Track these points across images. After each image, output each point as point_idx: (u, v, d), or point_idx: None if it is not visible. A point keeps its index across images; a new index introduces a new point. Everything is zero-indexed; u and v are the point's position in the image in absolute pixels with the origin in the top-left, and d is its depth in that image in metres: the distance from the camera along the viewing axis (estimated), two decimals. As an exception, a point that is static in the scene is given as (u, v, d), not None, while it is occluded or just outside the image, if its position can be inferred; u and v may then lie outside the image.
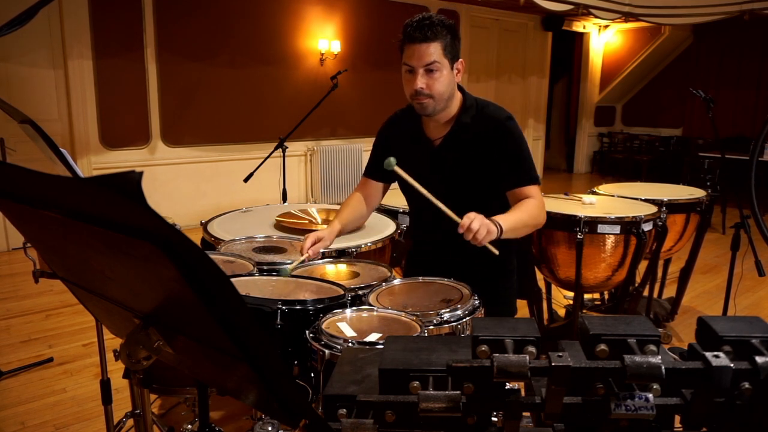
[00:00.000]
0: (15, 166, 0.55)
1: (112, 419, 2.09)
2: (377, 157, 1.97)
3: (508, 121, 1.74)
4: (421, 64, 1.64)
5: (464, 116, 1.76)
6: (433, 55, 1.63)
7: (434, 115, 1.74)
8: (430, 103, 1.69)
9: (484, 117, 1.75)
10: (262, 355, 0.64)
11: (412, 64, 1.65)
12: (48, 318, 3.72)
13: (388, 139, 1.95)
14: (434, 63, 1.63)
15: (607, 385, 0.65)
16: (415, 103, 1.71)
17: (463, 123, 1.76)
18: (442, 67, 1.65)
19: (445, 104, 1.73)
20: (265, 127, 6.57)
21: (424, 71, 1.65)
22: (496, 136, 1.72)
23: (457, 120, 1.76)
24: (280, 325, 1.40)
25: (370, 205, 2.03)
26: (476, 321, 0.73)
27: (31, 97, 5.27)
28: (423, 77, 1.65)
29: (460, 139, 1.77)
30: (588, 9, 8.19)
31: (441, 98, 1.69)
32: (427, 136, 1.83)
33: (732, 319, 0.74)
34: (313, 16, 6.92)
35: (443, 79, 1.67)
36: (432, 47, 1.62)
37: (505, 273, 1.95)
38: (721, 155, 4.78)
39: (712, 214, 3.46)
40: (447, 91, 1.70)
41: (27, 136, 1.41)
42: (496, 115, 1.75)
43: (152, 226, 0.51)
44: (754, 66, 9.26)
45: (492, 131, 1.73)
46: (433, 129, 1.82)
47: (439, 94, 1.68)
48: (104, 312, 0.92)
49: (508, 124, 1.74)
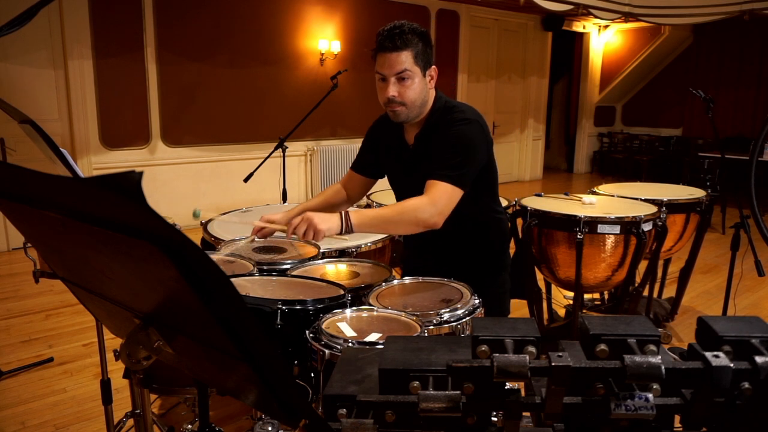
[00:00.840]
0: (15, 166, 0.55)
1: (112, 419, 2.09)
2: (364, 153, 2.03)
3: (461, 122, 1.72)
4: (392, 73, 1.67)
5: (432, 117, 1.78)
6: (404, 63, 1.65)
7: (407, 122, 1.78)
8: (402, 111, 1.72)
9: (446, 119, 1.76)
10: (262, 355, 0.64)
11: (384, 73, 1.68)
12: (48, 318, 3.72)
13: (374, 140, 1.99)
14: (405, 71, 1.66)
15: (607, 385, 0.65)
16: (389, 111, 1.75)
17: (430, 124, 1.78)
18: (414, 75, 1.68)
19: (419, 111, 1.75)
20: (265, 127, 6.57)
21: (395, 79, 1.68)
22: (444, 132, 1.73)
23: (426, 121, 1.79)
24: (280, 325, 1.40)
25: (351, 198, 2.08)
26: (476, 321, 0.73)
27: (31, 97, 5.27)
28: (395, 85, 1.68)
29: (428, 139, 1.79)
30: (588, 9, 8.18)
31: (413, 105, 1.72)
32: (405, 139, 1.87)
33: (732, 319, 0.74)
34: (313, 16, 6.92)
35: (415, 87, 1.69)
36: (403, 56, 1.65)
37: (496, 270, 1.96)
38: (721, 155, 4.77)
39: (712, 214, 3.46)
40: (419, 98, 1.72)
41: (27, 136, 1.41)
42: (455, 117, 1.73)
43: (152, 226, 0.51)
44: (754, 66, 9.26)
45: (444, 129, 1.73)
46: (409, 132, 1.85)
47: (411, 101, 1.70)
48: (104, 312, 0.92)
49: (460, 125, 1.71)
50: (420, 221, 1.63)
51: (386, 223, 1.65)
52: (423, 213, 1.62)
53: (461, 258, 1.90)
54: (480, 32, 8.79)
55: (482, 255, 1.93)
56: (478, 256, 1.92)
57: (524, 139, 9.93)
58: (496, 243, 1.96)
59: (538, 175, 10.28)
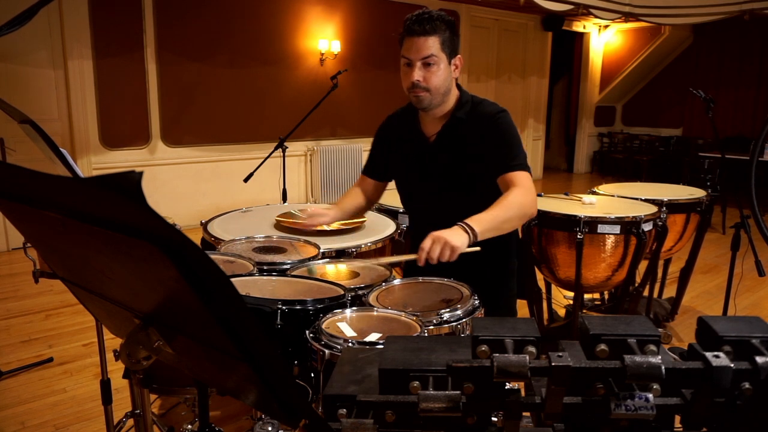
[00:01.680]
0: (15, 166, 0.55)
1: (112, 419, 2.09)
2: (375, 156, 2.00)
3: (499, 114, 1.74)
4: (418, 57, 1.66)
5: (459, 112, 1.77)
6: (431, 48, 1.65)
7: (430, 109, 1.76)
8: (426, 96, 1.70)
9: (477, 113, 1.76)
10: (262, 355, 0.64)
11: (410, 57, 1.67)
12: (48, 318, 3.72)
13: (386, 138, 1.96)
14: (431, 56, 1.65)
15: (607, 385, 0.65)
16: (412, 96, 1.73)
17: (457, 118, 1.76)
18: (440, 61, 1.67)
19: (442, 99, 1.74)
20: (265, 127, 6.57)
21: (421, 64, 1.67)
22: (487, 129, 1.73)
23: (452, 115, 1.77)
24: (280, 325, 1.40)
25: (370, 200, 2.06)
26: (476, 321, 0.73)
27: (31, 97, 5.27)
28: (420, 70, 1.67)
29: (454, 134, 1.77)
30: (588, 9, 8.19)
31: (437, 92, 1.71)
32: (423, 132, 1.84)
33: (732, 319, 0.74)
34: (313, 16, 6.92)
35: (440, 73, 1.68)
36: (430, 41, 1.64)
37: (505, 275, 1.94)
38: (721, 155, 4.77)
39: (712, 214, 3.46)
40: (443, 85, 1.71)
41: (27, 136, 1.41)
42: (489, 110, 1.75)
43: (152, 226, 0.51)
44: (754, 66, 9.26)
45: (484, 125, 1.74)
46: (429, 125, 1.83)
47: (435, 87, 1.69)
48: (104, 312, 0.92)
49: (499, 116, 1.74)
50: (527, 214, 1.65)
51: (502, 222, 1.60)
52: (528, 205, 1.64)
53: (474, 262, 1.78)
54: (480, 32, 8.79)
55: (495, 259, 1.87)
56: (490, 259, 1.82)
57: (524, 139, 9.89)
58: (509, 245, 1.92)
59: (538, 175, 10.28)
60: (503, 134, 1.72)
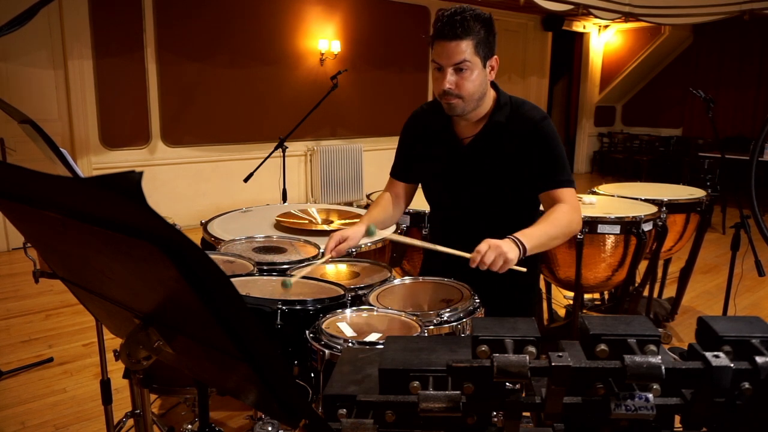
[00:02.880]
0: (15, 166, 0.55)
1: (112, 419, 2.09)
2: (403, 156, 1.85)
3: (543, 121, 1.63)
4: (450, 63, 1.53)
5: (498, 115, 1.65)
6: (463, 53, 1.51)
7: (464, 116, 1.64)
8: (459, 104, 1.58)
9: (519, 117, 1.64)
10: (262, 355, 0.64)
11: (441, 63, 1.55)
12: (48, 318, 3.72)
13: (413, 137, 1.81)
14: (464, 62, 1.52)
15: (607, 385, 0.65)
16: (444, 103, 1.61)
17: (496, 122, 1.65)
18: (473, 66, 1.54)
19: (476, 104, 1.62)
20: (265, 127, 6.57)
21: (453, 70, 1.54)
22: (531, 137, 1.62)
23: (491, 119, 1.65)
24: (280, 325, 1.40)
25: (399, 205, 1.87)
26: (476, 321, 0.73)
27: (31, 97, 5.26)
28: (452, 76, 1.54)
29: (493, 138, 1.65)
30: (588, 9, 8.18)
31: (471, 99, 1.58)
32: (456, 134, 1.71)
33: (732, 319, 0.74)
34: (313, 16, 6.92)
35: (474, 79, 1.55)
36: (463, 45, 1.51)
37: (528, 286, 1.86)
38: (721, 155, 4.77)
39: (712, 214, 3.46)
40: (478, 91, 1.59)
41: (27, 136, 1.41)
42: (532, 116, 1.64)
43: (152, 226, 0.51)
44: (754, 66, 9.26)
45: (527, 132, 1.62)
46: (464, 127, 1.70)
47: (468, 94, 1.57)
48: (104, 312, 0.92)
49: (544, 124, 1.63)
50: (574, 231, 1.60)
51: (550, 239, 1.54)
52: (576, 224, 1.59)
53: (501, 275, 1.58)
54: (480, 32, 8.79)
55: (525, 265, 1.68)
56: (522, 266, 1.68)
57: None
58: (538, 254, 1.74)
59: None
60: (550, 146, 1.62)
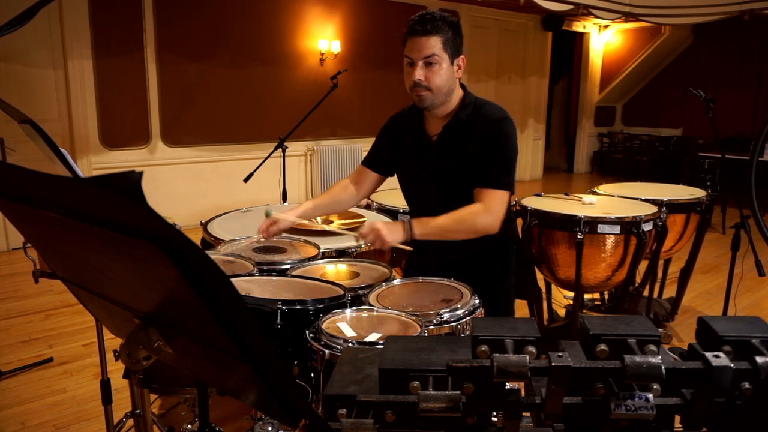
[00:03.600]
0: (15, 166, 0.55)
1: (112, 419, 2.09)
2: (379, 149, 1.99)
3: (501, 121, 1.74)
4: (420, 57, 1.67)
5: (461, 113, 1.77)
6: (432, 48, 1.66)
7: (432, 109, 1.77)
8: (428, 96, 1.71)
9: (479, 115, 1.76)
10: (262, 355, 0.64)
11: (412, 57, 1.69)
12: (48, 318, 3.72)
13: (392, 134, 1.96)
14: (433, 56, 1.67)
15: (607, 385, 0.65)
16: (414, 95, 1.74)
17: (459, 119, 1.77)
18: (442, 61, 1.68)
19: (444, 99, 1.74)
20: (265, 127, 6.57)
21: (423, 64, 1.68)
22: (485, 134, 1.73)
23: (455, 116, 1.78)
24: (280, 325, 1.40)
25: (360, 193, 2.02)
26: (476, 321, 0.73)
27: (31, 97, 5.26)
28: (422, 69, 1.68)
29: (455, 134, 1.78)
30: (588, 9, 8.18)
31: (439, 92, 1.71)
32: (426, 131, 1.85)
33: (732, 319, 0.74)
34: (313, 16, 6.92)
35: (442, 73, 1.69)
36: (432, 40, 1.66)
37: (503, 274, 1.95)
38: (721, 155, 4.77)
39: (712, 214, 3.46)
40: (446, 85, 1.72)
41: (27, 136, 1.41)
42: (492, 115, 1.75)
43: (152, 226, 0.51)
44: (754, 66, 9.26)
45: (485, 130, 1.73)
46: (432, 124, 1.84)
47: (437, 87, 1.70)
48: (104, 312, 0.92)
49: (501, 124, 1.73)
50: (479, 230, 1.71)
51: (446, 231, 1.69)
52: (481, 222, 1.69)
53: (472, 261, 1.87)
54: (480, 32, 8.79)
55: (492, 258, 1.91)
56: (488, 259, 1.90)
57: (524, 140, 9.92)
58: (507, 246, 1.95)
59: (538, 175, 10.28)
60: (499, 146, 1.72)
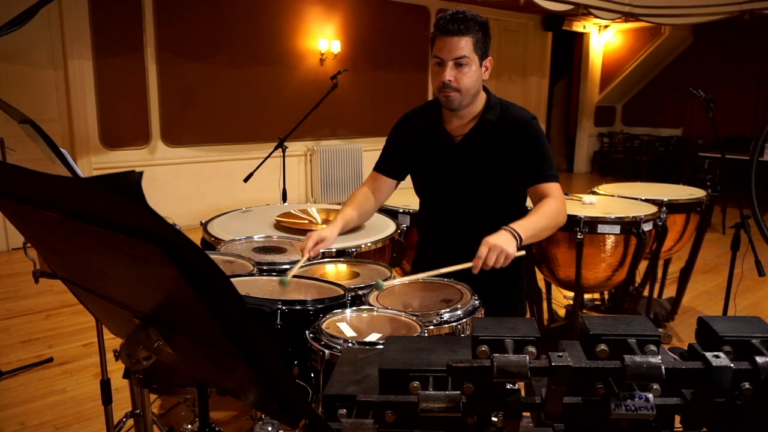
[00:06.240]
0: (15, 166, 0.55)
1: (112, 419, 2.09)
2: (391, 153, 1.92)
3: (532, 121, 1.76)
4: (450, 57, 1.65)
5: (489, 114, 1.75)
6: (463, 49, 1.64)
7: (459, 110, 1.74)
8: (456, 97, 1.69)
9: (509, 116, 1.76)
10: (262, 355, 0.64)
11: (442, 57, 1.66)
12: (48, 318, 3.72)
13: (405, 135, 1.89)
14: (464, 57, 1.64)
15: (607, 385, 0.65)
16: (442, 96, 1.71)
17: (487, 121, 1.75)
18: (471, 62, 1.66)
19: (471, 100, 1.73)
20: (265, 127, 6.57)
21: (453, 64, 1.66)
22: (520, 135, 1.73)
23: (482, 117, 1.76)
24: (280, 325, 1.40)
25: (378, 200, 1.96)
26: (476, 321, 0.73)
27: (31, 97, 5.26)
28: (452, 70, 1.66)
29: (484, 136, 1.76)
30: (588, 9, 8.18)
31: (468, 93, 1.70)
32: (448, 132, 1.80)
33: (732, 319, 0.74)
34: (313, 16, 6.92)
35: (471, 74, 1.68)
36: (463, 41, 1.63)
37: (516, 276, 1.90)
38: (721, 155, 4.76)
39: (712, 214, 3.46)
40: (474, 86, 1.71)
41: (27, 136, 1.41)
42: (521, 116, 1.76)
43: (152, 226, 0.51)
44: (754, 66, 9.26)
45: (517, 131, 1.73)
46: (455, 125, 1.80)
47: (466, 88, 1.68)
48: (104, 312, 0.92)
49: (534, 123, 1.75)
50: (560, 223, 1.70)
51: (541, 230, 1.65)
52: (562, 215, 1.70)
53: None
54: (480, 32, 8.78)
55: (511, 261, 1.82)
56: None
57: (524, 139, 9.91)
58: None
59: (538, 175, 10.27)
60: (537, 143, 1.73)
